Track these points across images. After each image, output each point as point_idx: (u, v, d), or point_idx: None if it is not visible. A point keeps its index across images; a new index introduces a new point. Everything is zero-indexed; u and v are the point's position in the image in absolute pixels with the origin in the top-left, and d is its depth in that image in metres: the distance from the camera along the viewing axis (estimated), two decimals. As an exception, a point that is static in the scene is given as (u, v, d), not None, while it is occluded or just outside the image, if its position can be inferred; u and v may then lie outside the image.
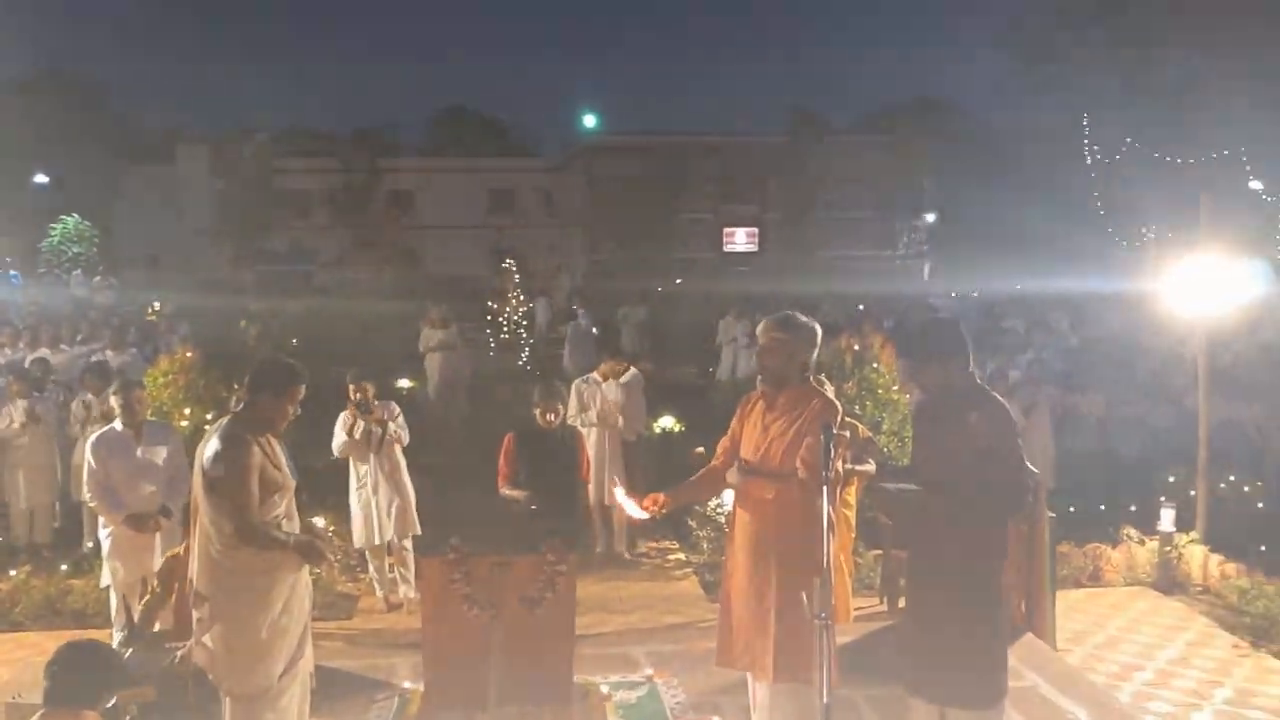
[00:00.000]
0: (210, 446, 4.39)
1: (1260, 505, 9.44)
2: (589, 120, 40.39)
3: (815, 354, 4.72)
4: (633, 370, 9.44)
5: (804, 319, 4.70)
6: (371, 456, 7.81)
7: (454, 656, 4.43)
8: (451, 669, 4.43)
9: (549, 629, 4.46)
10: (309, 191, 44.19)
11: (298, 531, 4.58)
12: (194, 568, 4.45)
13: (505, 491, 6.59)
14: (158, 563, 6.21)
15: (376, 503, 7.85)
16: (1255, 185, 29.48)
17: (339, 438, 7.83)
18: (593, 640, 6.65)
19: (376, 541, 7.91)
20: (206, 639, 4.35)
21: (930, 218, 45.06)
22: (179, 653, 4.95)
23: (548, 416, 6.62)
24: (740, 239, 46.48)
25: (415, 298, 20.65)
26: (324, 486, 8.95)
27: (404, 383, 15.26)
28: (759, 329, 4.76)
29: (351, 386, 7.81)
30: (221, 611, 4.34)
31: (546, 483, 6.40)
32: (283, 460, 4.58)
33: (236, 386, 8.82)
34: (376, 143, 46.30)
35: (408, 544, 8.01)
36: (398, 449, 7.94)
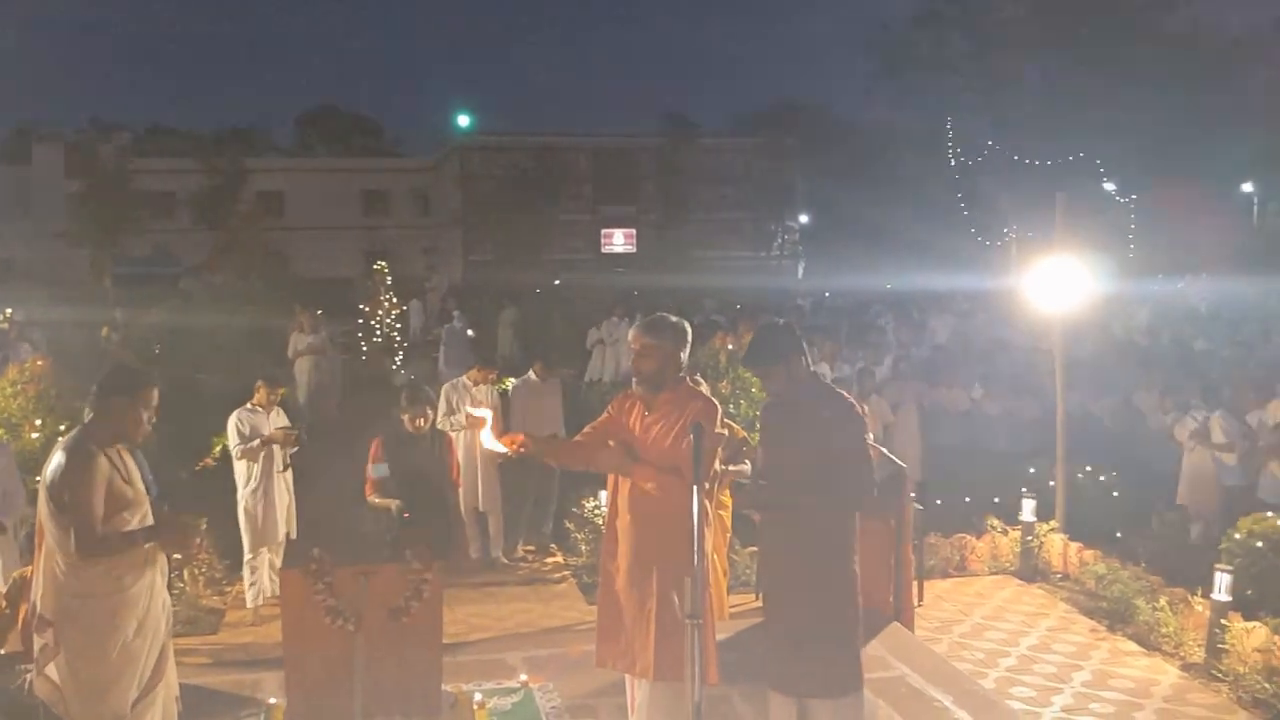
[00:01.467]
0: (54, 460, 4.17)
1: (1115, 494, 9.82)
2: (463, 120, 40.01)
3: (688, 352, 4.75)
4: (531, 375, 9.58)
5: (673, 319, 4.72)
6: (275, 453, 7.88)
7: (317, 670, 4.30)
8: (315, 683, 4.30)
9: (416, 638, 4.36)
10: (171, 193, 42.70)
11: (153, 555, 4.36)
12: (38, 590, 4.21)
13: (373, 500, 6.47)
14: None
15: (272, 501, 7.85)
16: (1109, 186, 30.81)
17: (245, 441, 7.76)
18: (467, 648, 6.58)
19: (272, 540, 7.90)
20: (50, 669, 4.11)
21: (803, 218, 45.89)
22: (28, 676, 4.69)
23: (416, 422, 6.52)
24: (618, 240, 46.59)
25: (284, 302, 20.11)
26: (187, 497, 8.65)
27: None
28: (630, 336, 4.75)
29: (267, 389, 7.90)
30: (66, 637, 4.11)
31: (415, 489, 6.30)
32: (136, 474, 4.38)
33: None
34: (243, 142, 45.03)
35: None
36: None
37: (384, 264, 20.18)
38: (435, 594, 4.39)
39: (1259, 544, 7.47)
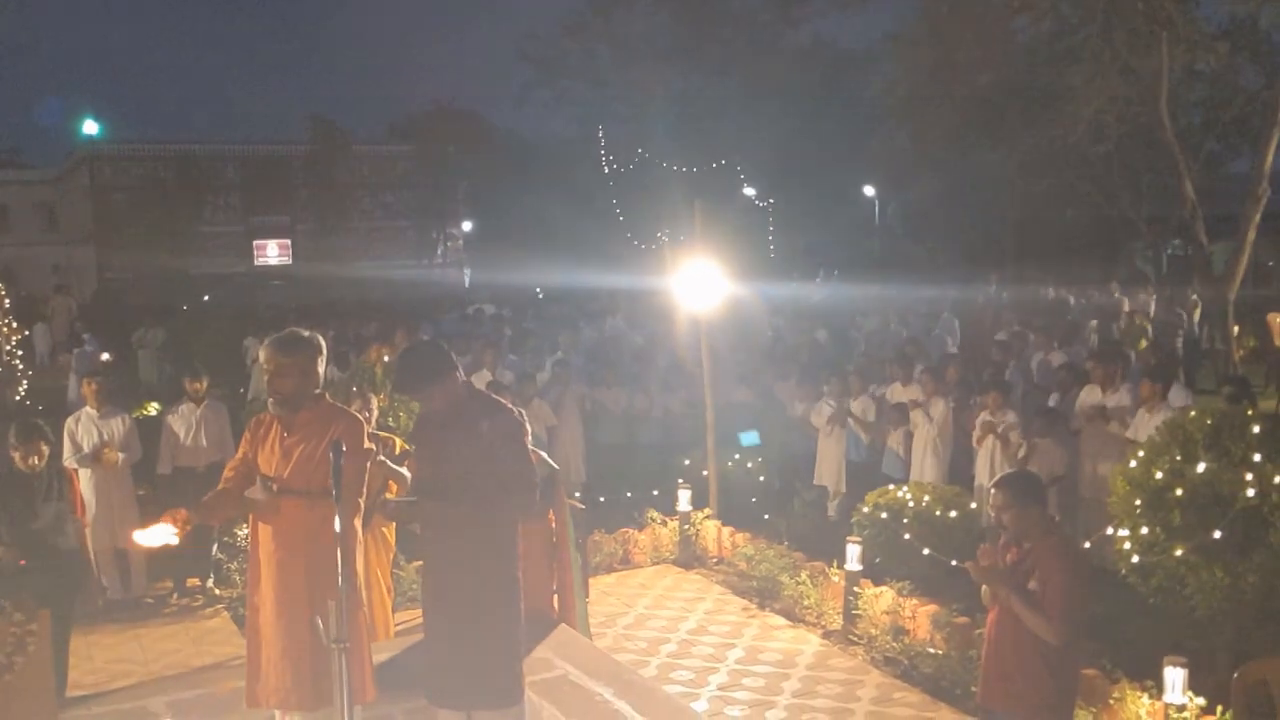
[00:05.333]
0: None
1: (762, 479, 10.48)
2: (90, 127, 36.88)
3: (324, 366, 4.62)
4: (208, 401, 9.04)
5: (306, 334, 4.57)
6: None
7: (-95, 747, 3.80)
8: (-97, 762, 3.80)
9: (22, 697, 3.94)
10: None
11: None
12: None
13: (-28, 548, 5.81)
14: None
15: None
16: (749, 192, 32.84)
17: None
18: (104, 698, 6.03)
19: None
20: None
21: (467, 225, 45.83)
22: None
23: (29, 460, 5.91)
24: (272, 251, 44.53)
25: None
26: None
27: None
28: (263, 355, 4.55)
29: None
30: None
31: (31, 533, 5.71)
32: None
33: None
34: None
35: None
36: None
37: (0, 285, 18.17)
38: (42, 646, 3.99)
39: (883, 515, 8.19)
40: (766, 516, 9.83)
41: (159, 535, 4.27)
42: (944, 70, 25.05)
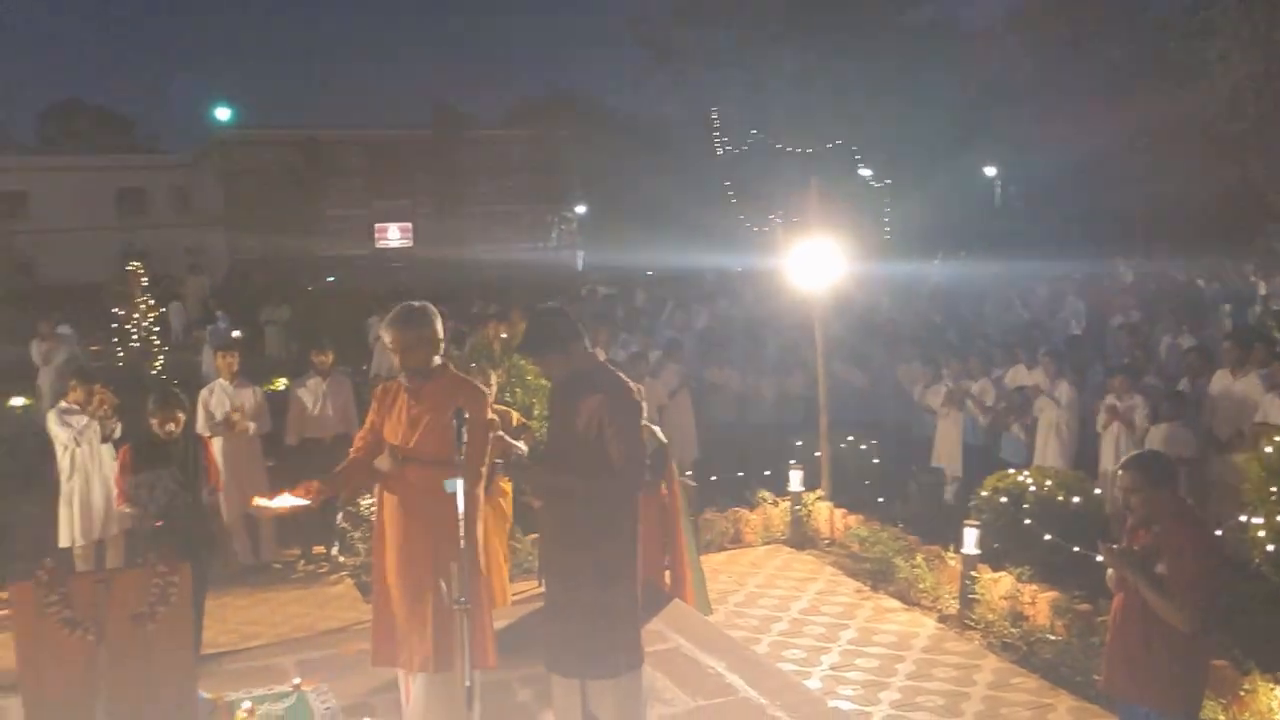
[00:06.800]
0: None
1: (876, 461, 10.37)
2: (222, 113, 38.14)
3: (442, 332, 4.71)
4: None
5: (418, 305, 4.66)
6: (89, 448, 8.04)
7: (57, 687, 3.99)
8: (55, 701, 4.01)
9: (164, 645, 4.13)
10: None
11: None
12: None
13: (122, 509, 6.11)
14: None
15: (90, 495, 7.99)
16: (865, 172, 32.34)
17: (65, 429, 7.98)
18: (238, 655, 6.33)
19: (84, 539, 7.97)
20: None
21: (580, 209, 46.16)
22: None
23: (166, 426, 6.18)
24: (393, 234, 45.67)
25: (28, 308, 18.76)
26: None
27: (18, 400, 13.85)
28: (385, 334, 4.64)
29: (81, 388, 8.13)
30: None
31: (168, 496, 5.98)
32: None
33: None
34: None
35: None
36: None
37: (139, 264, 19.02)
38: (183, 598, 4.18)
39: (1003, 499, 8.04)
40: (881, 499, 9.72)
41: (284, 502, 4.45)
42: (1072, 45, 24.23)
